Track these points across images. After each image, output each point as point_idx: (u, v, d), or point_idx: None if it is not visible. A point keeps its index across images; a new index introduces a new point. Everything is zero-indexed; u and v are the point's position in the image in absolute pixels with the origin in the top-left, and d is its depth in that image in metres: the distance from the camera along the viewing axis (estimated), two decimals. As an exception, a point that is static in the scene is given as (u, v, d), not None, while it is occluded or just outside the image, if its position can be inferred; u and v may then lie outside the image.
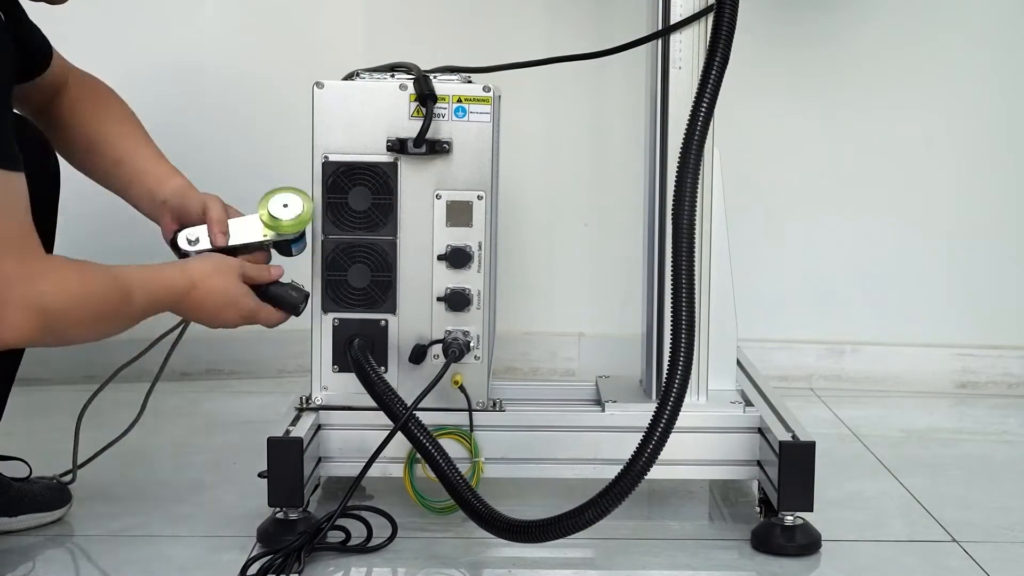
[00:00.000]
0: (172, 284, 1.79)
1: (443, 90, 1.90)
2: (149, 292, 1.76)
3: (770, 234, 2.88)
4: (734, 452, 1.98)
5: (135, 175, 1.93)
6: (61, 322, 1.65)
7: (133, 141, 1.96)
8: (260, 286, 1.85)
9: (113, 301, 1.71)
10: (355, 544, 1.85)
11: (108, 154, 1.94)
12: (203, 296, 1.80)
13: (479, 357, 1.94)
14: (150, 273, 1.78)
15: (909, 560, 1.89)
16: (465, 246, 1.93)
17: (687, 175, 1.77)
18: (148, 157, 1.95)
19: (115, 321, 1.72)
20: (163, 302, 1.78)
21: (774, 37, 2.82)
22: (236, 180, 2.80)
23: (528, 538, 1.76)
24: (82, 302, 1.67)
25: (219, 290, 1.81)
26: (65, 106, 1.94)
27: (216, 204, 1.88)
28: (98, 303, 1.69)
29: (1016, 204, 2.88)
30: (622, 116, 2.81)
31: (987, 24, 2.83)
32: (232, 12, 2.85)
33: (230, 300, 1.82)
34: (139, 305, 1.74)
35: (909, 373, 2.89)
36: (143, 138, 1.97)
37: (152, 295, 1.76)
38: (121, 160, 1.94)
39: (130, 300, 1.73)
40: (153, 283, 1.77)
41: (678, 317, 1.76)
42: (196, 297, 1.79)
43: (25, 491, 1.95)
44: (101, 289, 1.69)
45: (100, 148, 1.94)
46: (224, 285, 1.82)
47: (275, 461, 1.84)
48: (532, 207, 2.89)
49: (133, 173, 1.93)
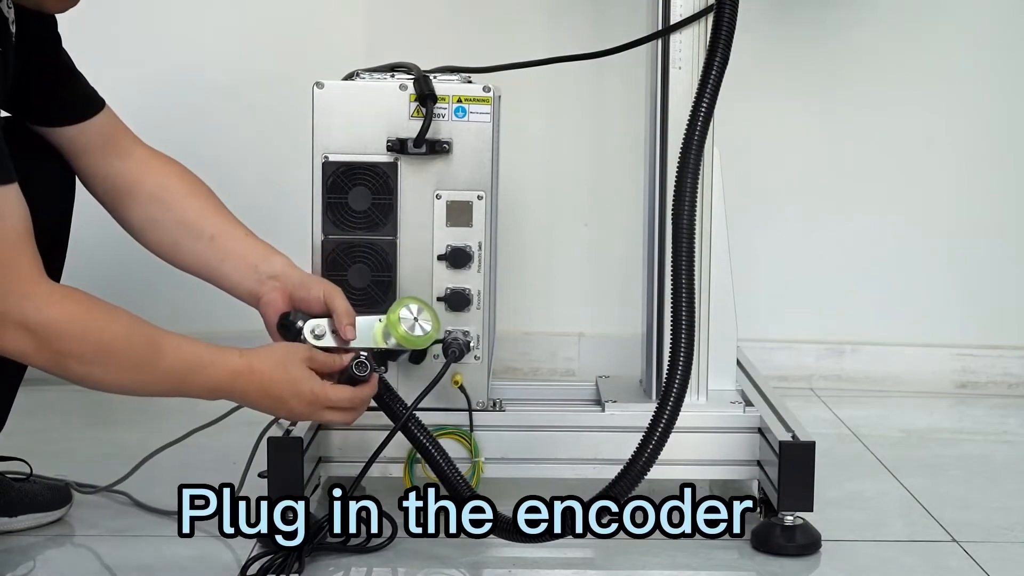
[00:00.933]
0: (226, 361, 1.68)
1: (443, 90, 1.90)
2: (191, 358, 1.66)
3: (770, 234, 2.88)
4: (734, 452, 1.98)
5: (233, 250, 1.85)
6: (59, 350, 1.58)
7: (226, 218, 1.88)
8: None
9: (133, 349, 1.62)
10: (355, 544, 1.85)
11: (204, 230, 1.85)
12: (263, 381, 1.69)
13: (479, 357, 1.94)
14: (200, 344, 1.67)
15: (909, 560, 1.89)
16: (465, 246, 1.93)
17: (687, 175, 1.78)
18: (246, 234, 1.87)
19: (134, 373, 1.63)
20: (209, 376, 1.67)
21: (774, 36, 2.82)
22: (236, 180, 2.81)
23: (528, 538, 1.76)
24: (85, 335, 1.59)
25: (281, 379, 1.70)
26: (149, 180, 1.87)
27: (340, 296, 1.78)
28: (108, 342, 1.60)
29: (1016, 204, 2.88)
30: (622, 116, 2.80)
31: (988, 22, 2.83)
32: (232, 12, 2.85)
33: (295, 390, 1.71)
34: (169, 366, 1.64)
35: (909, 373, 2.89)
36: (234, 217, 1.89)
37: (190, 363, 1.66)
38: (216, 236, 1.85)
39: (158, 355, 1.63)
40: (199, 351, 1.67)
41: (678, 317, 1.76)
42: (254, 381, 1.69)
43: (25, 491, 1.95)
44: (114, 328, 1.61)
45: (194, 224, 1.86)
46: (287, 373, 1.70)
47: (275, 461, 1.84)
48: (532, 207, 2.89)
49: (230, 248, 1.85)
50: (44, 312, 1.57)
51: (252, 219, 2.07)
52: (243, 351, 1.70)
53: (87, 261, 1.90)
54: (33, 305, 1.56)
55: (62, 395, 2.38)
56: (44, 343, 1.57)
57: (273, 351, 1.73)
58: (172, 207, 1.87)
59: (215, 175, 1.92)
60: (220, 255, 1.85)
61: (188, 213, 1.86)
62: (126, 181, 1.87)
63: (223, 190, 1.94)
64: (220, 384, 1.68)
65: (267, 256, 1.85)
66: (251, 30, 2.86)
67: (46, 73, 1.82)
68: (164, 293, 2.81)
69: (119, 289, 2.74)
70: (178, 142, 2.11)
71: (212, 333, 2.87)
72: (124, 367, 1.63)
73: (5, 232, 1.57)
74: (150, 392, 1.68)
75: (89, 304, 1.62)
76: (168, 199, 1.87)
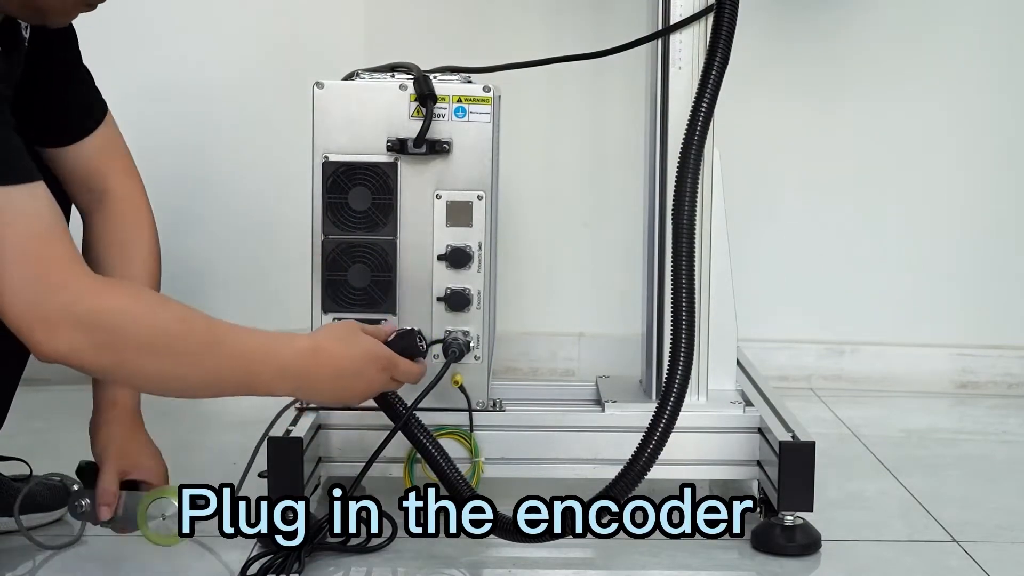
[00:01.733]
0: (292, 342, 1.61)
1: (443, 90, 1.90)
2: (254, 342, 1.58)
3: (770, 234, 2.88)
4: (734, 452, 1.98)
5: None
6: (114, 343, 1.49)
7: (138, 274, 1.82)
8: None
9: (193, 335, 1.54)
10: (355, 544, 1.85)
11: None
12: (332, 358, 1.64)
13: (479, 357, 1.94)
14: (258, 330, 1.59)
15: (909, 560, 1.89)
16: (465, 246, 1.93)
17: (687, 175, 1.78)
18: None
19: (196, 360, 1.54)
20: (278, 361, 1.60)
21: (774, 36, 2.82)
22: (236, 180, 2.82)
23: (528, 538, 1.76)
24: (139, 321, 1.50)
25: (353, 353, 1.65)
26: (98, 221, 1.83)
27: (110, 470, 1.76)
28: (164, 327, 1.52)
29: (1017, 204, 2.88)
30: (622, 116, 2.81)
31: (988, 21, 2.83)
32: (232, 12, 2.85)
33: (369, 357, 1.67)
34: (231, 352, 1.56)
35: (909, 373, 2.89)
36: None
37: (254, 348, 1.58)
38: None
39: (218, 341, 1.55)
40: (259, 336, 1.59)
41: (678, 317, 1.76)
42: (324, 360, 1.63)
43: (26, 491, 1.95)
44: (169, 313, 1.54)
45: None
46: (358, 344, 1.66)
47: (275, 461, 1.84)
48: (532, 207, 2.89)
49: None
50: (90, 302, 1.48)
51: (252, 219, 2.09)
52: (303, 334, 1.66)
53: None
54: (77, 297, 1.48)
55: (62, 395, 2.38)
56: (97, 336, 1.48)
57: (332, 328, 1.70)
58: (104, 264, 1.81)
59: (215, 175, 1.92)
60: None
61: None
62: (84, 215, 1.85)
63: (223, 190, 1.94)
64: (289, 367, 1.61)
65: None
66: (251, 30, 2.86)
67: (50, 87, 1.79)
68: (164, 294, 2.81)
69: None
70: (177, 142, 2.11)
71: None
72: (185, 355, 1.53)
73: (33, 230, 1.48)
74: (216, 387, 1.59)
75: (137, 291, 1.58)
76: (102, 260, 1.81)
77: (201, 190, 1.96)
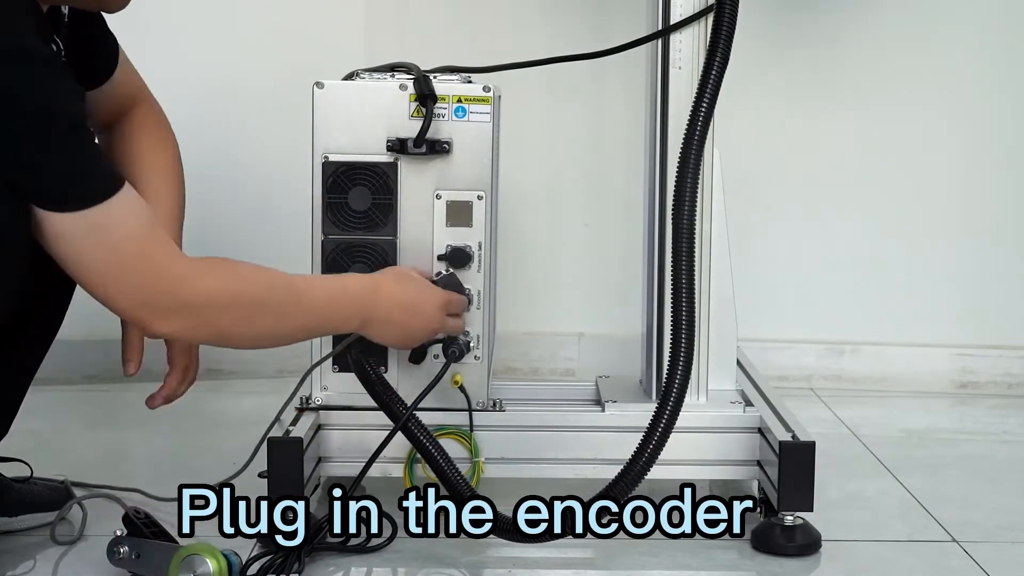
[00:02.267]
0: (356, 284, 1.78)
1: (443, 90, 1.90)
2: (325, 291, 1.76)
3: (770, 234, 2.88)
4: (734, 452, 1.98)
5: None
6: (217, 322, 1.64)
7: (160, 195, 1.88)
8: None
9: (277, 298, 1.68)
10: (355, 544, 1.85)
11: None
12: (393, 293, 1.79)
13: (479, 357, 1.94)
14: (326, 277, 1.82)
15: (909, 560, 1.89)
16: (465, 246, 1.93)
17: (687, 175, 1.78)
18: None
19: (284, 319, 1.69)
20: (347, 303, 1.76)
21: (775, 36, 2.82)
22: (236, 180, 2.82)
23: (528, 538, 1.76)
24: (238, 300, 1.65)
25: (409, 288, 1.81)
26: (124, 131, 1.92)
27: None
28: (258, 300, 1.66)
29: (1016, 204, 2.88)
30: (622, 116, 2.81)
31: (988, 22, 2.83)
32: (231, 13, 2.85)
33: (424, 294, 1.83)
34: (310, 303, 1.73)
35: (909, 373, 2.89)
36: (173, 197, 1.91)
37: (326, 296, 1.75)
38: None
39: (298, 298, 1.71)
40: (328, 283, 1.78)
41: (678, 317, 1.76)
42: (384, 295, 1.78)
43: (26, 491, 1.95)
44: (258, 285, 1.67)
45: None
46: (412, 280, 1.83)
47: (275, 461, 1.84)
48: (532, 207, 2.89)
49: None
50: (194, 287, 1.61)
51: (252, 219, 2.09)
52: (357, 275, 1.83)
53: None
54: (179, 284, 1.60)
55: (62, 395, 2.38)
56: (203, 316, 1.62)
57: (389, 270, 1.85)
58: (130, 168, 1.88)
59: (215, 175, 1.92)
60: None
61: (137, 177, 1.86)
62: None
63: (223, 190, 1.94)
64: (357, 306, 1.76)
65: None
66: (250, 30, 2.86)
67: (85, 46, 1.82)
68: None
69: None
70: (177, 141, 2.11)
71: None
72: (274, 315, 1.68)
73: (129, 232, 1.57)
74: (302, 334, 1.75)
75: (230, 268, 1.67)
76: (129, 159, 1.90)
77: (200, 190, 1.96)
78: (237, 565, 1.70)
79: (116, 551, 1.72)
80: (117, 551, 1.72)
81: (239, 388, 2.79)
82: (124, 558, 1.72)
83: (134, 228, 1.58)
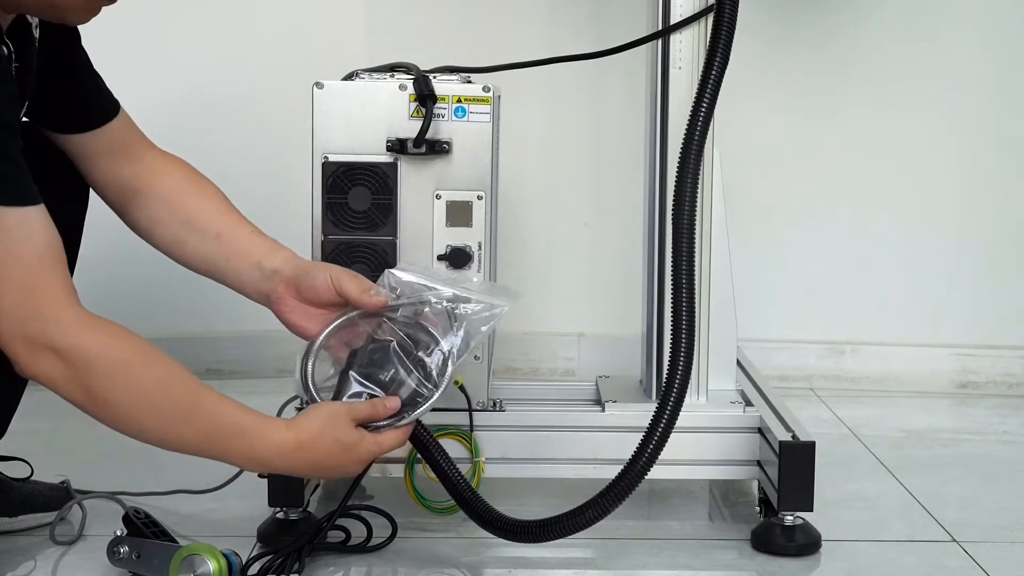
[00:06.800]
0: (270, 432, 1.61)
1: (443, 90, 1.90)
2: (231, 421, 1.60)
3: (770, 234, 2.88)
4: (734, 452, 1.98)
5: (238, 247, 1.82)
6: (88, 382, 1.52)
7: (233, 217, 1.86)
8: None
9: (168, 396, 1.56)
10: (355, 544, 1.85)
11: (210, 228, 1.83)
12: (315, 456, 1.62)
13: (479, 357, 1.94)
14: (242, 408, 1.61)
15: (909, 560, 1.89)
16: (465, 246, 1.93)
17: (687, 175, 1.78)
18: (252, 231, 1.84)
19: (166, 422, 1.56)
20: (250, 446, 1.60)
21: (774, 36, 2.82)
22: (236, 180, 2.81)
23: (528, 538, 1.76)
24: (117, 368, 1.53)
25: (335, 450, 1.63)
26: (158, 182, 1.86)
27: (349, 276, 1.74)
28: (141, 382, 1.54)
29: (1017, 204, 2.88)
30: (622, 116, 2.81)
31: (989, 22, 2.83)
32: (231, 12, 2.85)
33: (352, 457, 1.65)
34: (206, 424, 1.58)
35: (909, 373, 2.89)
36: (241, 215, 1.87)
37: (230, 426, 1.59)
38: (222, 234, 1.82)
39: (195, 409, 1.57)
40: (240, 416, 1.60)
41: (678, 317, 1.76)
42: (303, 457, 1.62)
43: (26, 491, 1.95)
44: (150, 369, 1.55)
45: (200, 223, 1.83)
46: (340, 442, 1.63)
47: (275, 461, 1.84)
48: (532, 207, 2.89)
49: (235, 246, 1.82)
50: (72, 338, 1.51)
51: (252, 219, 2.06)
52: (288, 422, 1.64)
53: (88, 260, 1.90)
54: (61, 330, 1.51)
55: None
56: (73, 371, 1.51)
57: (317, 419, 1.64)
58: (178, 208, 1.85)
59: (214, 175, 1.92)
60: (226, 253, 1.82)
61: (194, 213, 1.84)
62: (135, 185, 1.85)
63: (223, 190, 1.94)
64: (262, 457, 1.62)
65: (271, 251, 1.81)
66: (250, 30, 2.86)
67: (65, 77, 1.80)
68: (164, 293, 2.82)
69: (120, 289, 2.75)
70: (176, 142, 2.10)
71: (213, 333, 2.89)
72: (156, 413, 1.56)
73: (27, 255, 1.51)
74: (182, 448, 1.60)
75: (125, 338, 1.55)
76: (175, 200, 1.85)
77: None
78: (237, 565, 1.70)
79: (116, 551, 1.73)
80: (117, 551, 1.73)
81: (239, 388, 2.78)
82: (124, 558, 1.72)
83: (29, 251, 1.51)
